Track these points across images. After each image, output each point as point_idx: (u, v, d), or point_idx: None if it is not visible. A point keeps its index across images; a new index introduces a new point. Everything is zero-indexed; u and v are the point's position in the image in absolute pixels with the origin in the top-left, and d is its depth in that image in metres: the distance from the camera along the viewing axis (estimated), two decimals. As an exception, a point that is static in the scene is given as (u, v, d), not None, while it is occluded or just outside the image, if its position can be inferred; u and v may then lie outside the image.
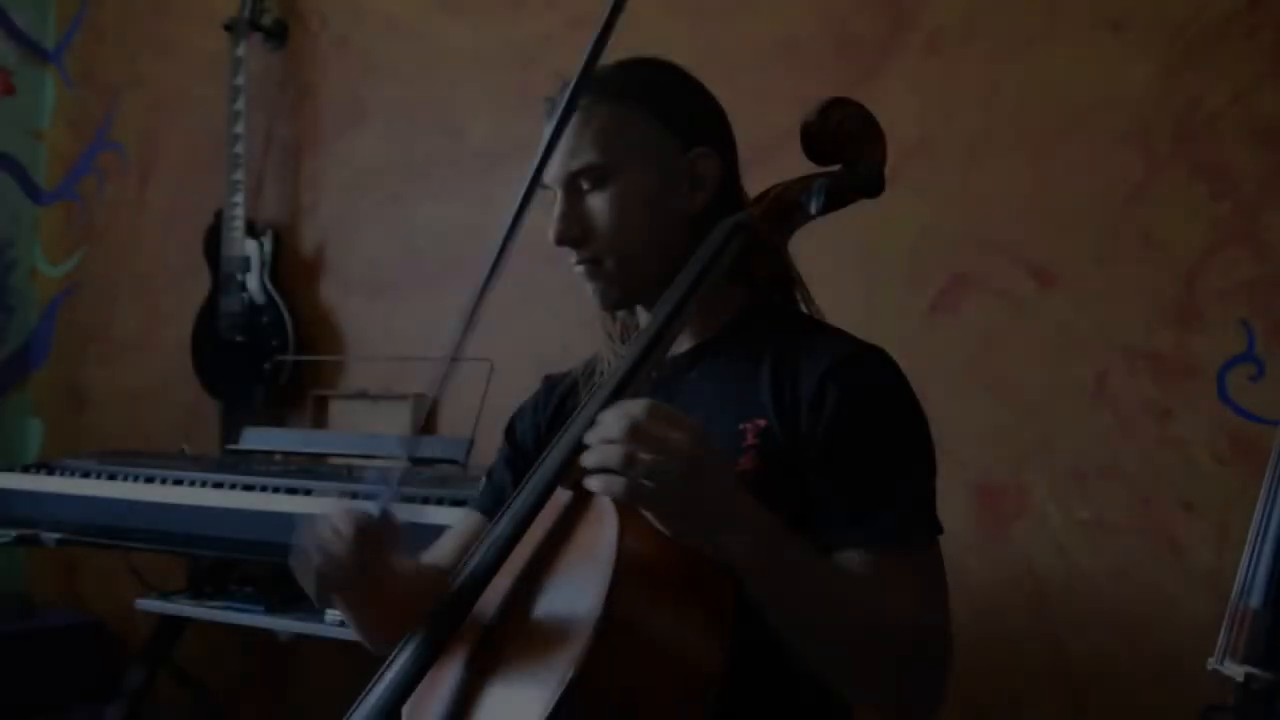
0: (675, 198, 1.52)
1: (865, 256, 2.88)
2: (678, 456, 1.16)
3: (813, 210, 1.47)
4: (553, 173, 1.52)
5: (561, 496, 1.32)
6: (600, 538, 1.19)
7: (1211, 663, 1.99)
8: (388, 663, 1.33)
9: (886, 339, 1.49)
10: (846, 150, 1.49)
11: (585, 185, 1.50)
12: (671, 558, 1.21)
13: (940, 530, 1.40)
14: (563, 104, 1.37)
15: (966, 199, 2.79)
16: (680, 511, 1.18)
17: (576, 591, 1.18)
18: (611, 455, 1.17)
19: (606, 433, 1.19)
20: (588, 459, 1.21)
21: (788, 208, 1.49)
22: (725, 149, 1.58)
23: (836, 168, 1.50)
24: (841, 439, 1.37)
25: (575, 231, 1.51)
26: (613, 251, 1.50)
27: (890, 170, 1.49)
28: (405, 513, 2.47)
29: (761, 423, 1.41)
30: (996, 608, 2.67)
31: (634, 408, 1.19)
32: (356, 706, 1.34)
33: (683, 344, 1.55)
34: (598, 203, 1.50)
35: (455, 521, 1.79)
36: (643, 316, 1.59)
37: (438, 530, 2.40)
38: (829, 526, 1.35)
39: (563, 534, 1.30)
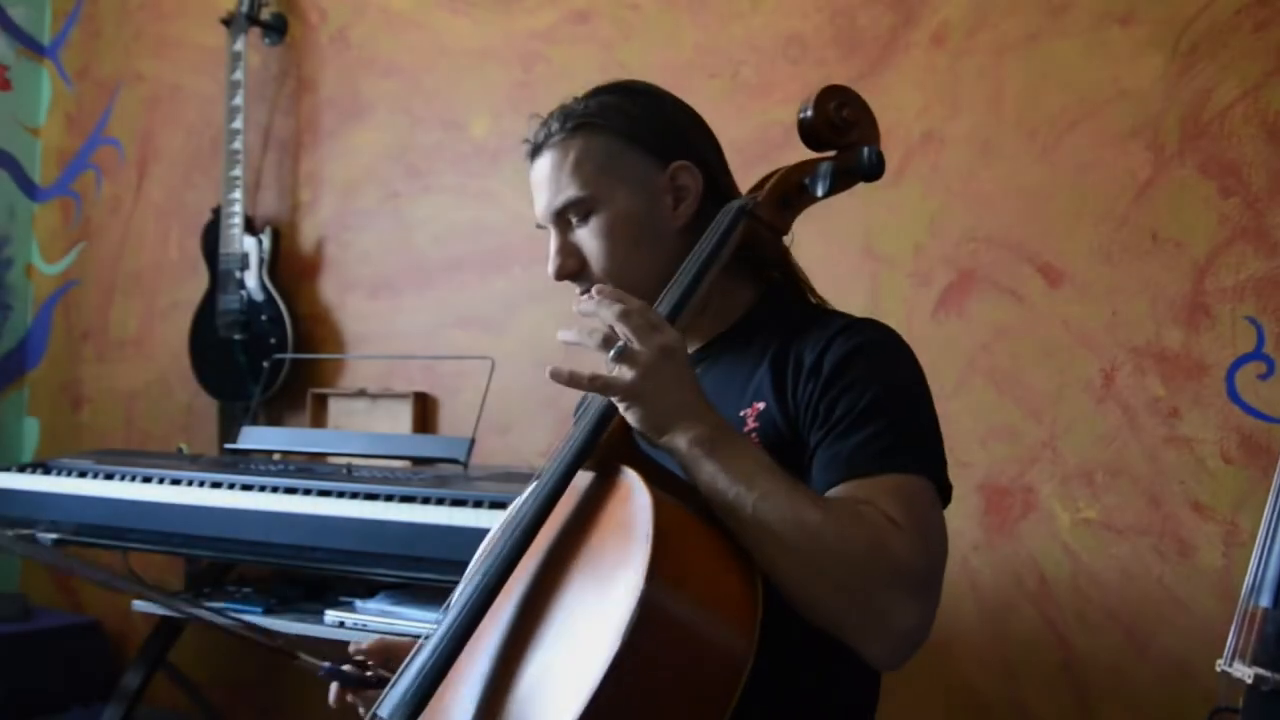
0: (661, 215, 1.57)
1: (870, 253, 2.88)
2: (650, 347, 1.31)
3: (818, 193, 1.52)
4: (540, 212, 1.59)
5: (583, 479, 1.36)
6: (632, 514, 1.22)
7: (1220, 664, 1.99)
8: (414, 651, 1.35)
9: (892, 336, 1.49)
10: (847, 136, 1.54)
11: (573, 219, 1.57)
12: (703, 532, 1.25)
13: (938, 473, 1.39)
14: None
15: (972, 195, 2.79)
16: (643, 401, 1.31)
17: (612, 569, 1.20)
18: (600, 321, 1.33)
19: (600, 306, 1.34)
20: (578, 320, 1.36)
21: (792, 191, 1.54)
22: (705, 157, 1.62)
23: (835, 153, 1.55)
24: (833, 390, 1.41)
25: (572, 265, 1.58)
26: (611, 277, 1.54)
27: (895, 166, 1.51)
28: (407, 513, 2.49)
29: (760, 406, 1.46)
30: (1003, 608, 2.67)
31: (627, 300, 1.34)
32: (386, 694, 1.37)
33: (691, 344, 1.60)
34: (587, 234, 1.56)
35: (456, 520, 1.82)
36: None
37: (438, 530, 2.42)
38: (817, 475, 1.38)
39: (589, 513, 1.32)
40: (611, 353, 1.31)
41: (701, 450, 1.29)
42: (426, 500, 2.53)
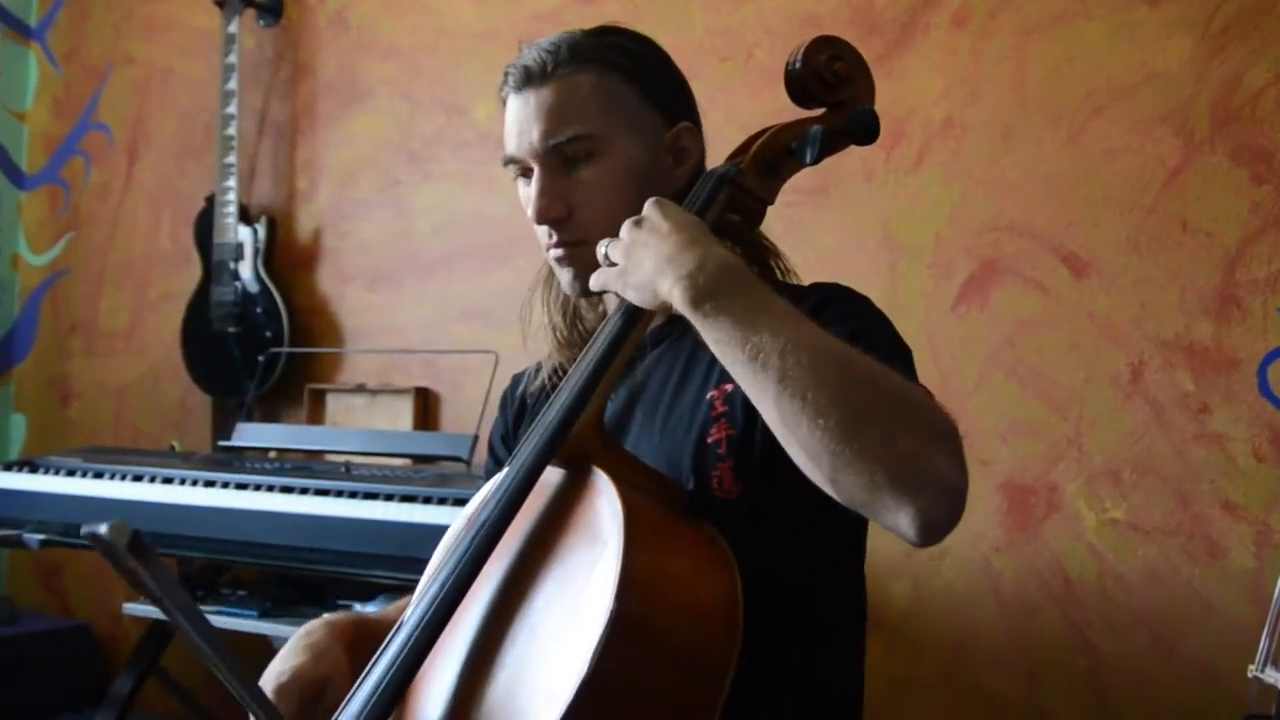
0: (660, 173, 1.53)
1: (889, 243, 2.89)
2: (626, 229, 1.32)
3: (808, 160, 1.44)
4: (528, 145, 1.50)
5: (552, 475, 1.33)
6: (602, 520, 1.20)
7: (1252, 670, 1.99)
8: (373, 661, 1.31)
9: (911, 329, 1.49)
10: (838, 93, 1.47)
11: (571, 156, 1.49)
12: (679, 533, 1.23)
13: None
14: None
15: (995, 183, 2.79)
16: (629, 274, 1.30)
17: (583, 579, 1.18)
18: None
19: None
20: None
21: (777, 157, 1.47)
22: (701, 124, 1.59)
23: (823, 111, 1.48)
24: None
25: (559, 210, 1.50)
26: (600, 230, 1.46)
27: (915, 152, 1.49)
28: (407, 513, 2.50)
29: (728, 387, 1.41)
30: (1025, 611, 2.68)
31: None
32: (341, 710, 1.32)
33: (654, 321, 1.54)
34: (585, 178, 1.49)
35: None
36: (610, 302, 1.58)
37: (440, 531, 2.43)
38: None
39: (557, 515, 1.30)
40: (602, 253, 1.33)
41: (704, 305, 1.21)
42: (428, 500, 2.55)
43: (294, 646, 1.51)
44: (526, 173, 1.52)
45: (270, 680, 1.45)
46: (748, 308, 1.20)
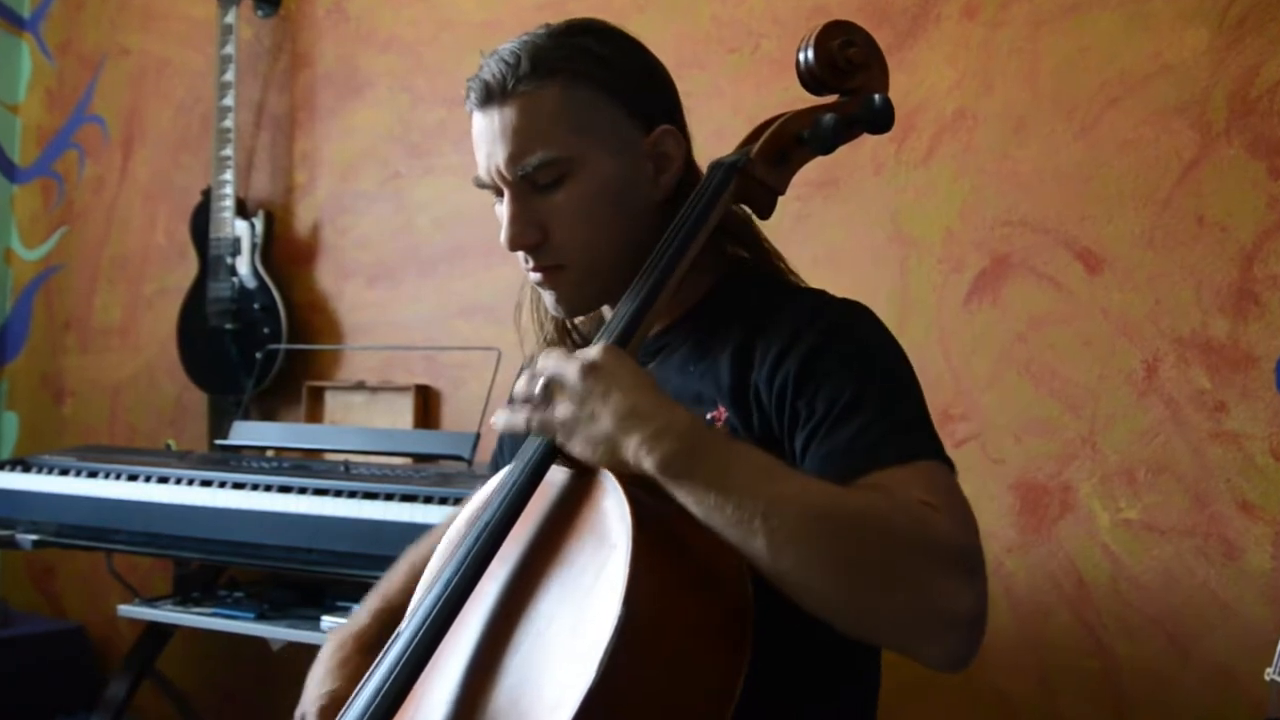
0: (642, 185, 1.49)
1: (899, 237, 2.89)
2: (571, 371, 1.24)
3: (819, 148, 1.43)
4: (495, 170, 1.47)
5: (557, 475, 1.32)
6: (608, 522, 1.19)
7: (1269, 673, 1.99)
8: (375, 664, 1.31)
9: (921, 326, 1.49)
10: (851, 80, 1.46)
11: (541, 182, 1.45)
12: (688, 535, 1.21)
13: (940, 451, 1.32)
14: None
15: (1007, 176, 2.79)
16: (577, 430, 1.23)
17: (589, 585, 1.18)
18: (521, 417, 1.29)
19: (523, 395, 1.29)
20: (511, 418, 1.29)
21: (789, 145, 1.45)
22: (684, 122, 1.55)
23: (836, 99, 1.47)
24: (810, 388, 1.34)
25: (534, 236, 1.47)
26: (579, 254, 1.45)
27: (925, 145, 1.49)
28: (408, 513, 2.50)
29: (720, 413, 1.40)
30: (1038, 612, 2.68)
31: (548, 364, 1.27)
32: (342, 715, 1.32)
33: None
34: (559, 201, 1.45)
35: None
36: (607, 313, 1.56)
37: (441, 530, 2.44)
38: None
39: (563, 515, 1.29)
40: (537, 389, 1.27)
41: (677, 468, 1.18)
42: (429, 499, 2.55)
43: (329, 668, 1.55)
44: (499, 192, 1.50)
45: (312, 704, 1.50)
46: (723, 469, 1.18)
